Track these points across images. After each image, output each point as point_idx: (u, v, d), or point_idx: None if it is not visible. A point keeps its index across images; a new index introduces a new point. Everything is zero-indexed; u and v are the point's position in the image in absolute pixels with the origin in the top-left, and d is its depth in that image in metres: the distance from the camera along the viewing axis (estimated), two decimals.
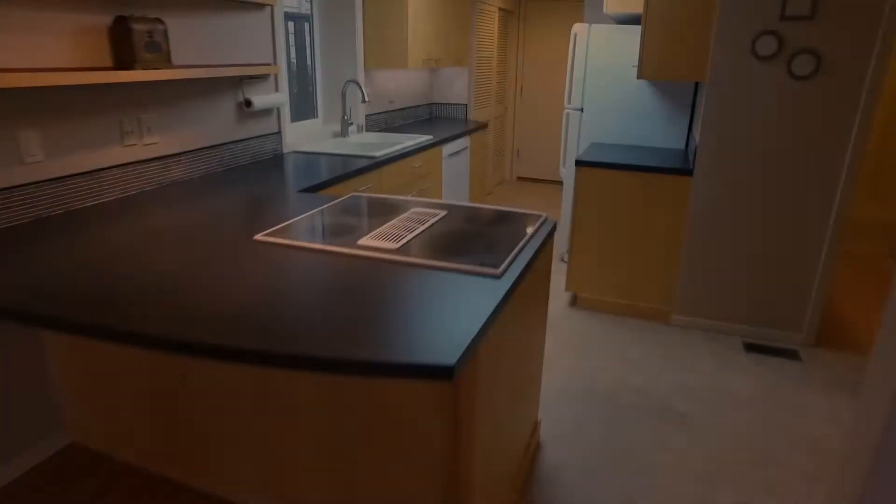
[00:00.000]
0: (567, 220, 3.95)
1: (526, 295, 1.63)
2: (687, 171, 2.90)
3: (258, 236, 1.67)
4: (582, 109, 3.75)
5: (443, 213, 1.92)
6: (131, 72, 2.03)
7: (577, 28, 3.63)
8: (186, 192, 2.29)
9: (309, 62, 3.75)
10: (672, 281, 3.10)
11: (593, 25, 3.58)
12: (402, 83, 4.44)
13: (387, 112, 4.27)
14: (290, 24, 3.68)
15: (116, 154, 2.19)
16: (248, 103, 2.78)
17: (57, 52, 1.90)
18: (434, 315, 1.20)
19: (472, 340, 1.12)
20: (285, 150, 3.16)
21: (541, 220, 1.86)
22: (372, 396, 1.47)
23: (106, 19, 2.04)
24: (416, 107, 4.75)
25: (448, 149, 3.89)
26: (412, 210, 1.94)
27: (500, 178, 6.52)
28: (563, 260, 4.09)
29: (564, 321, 3.18)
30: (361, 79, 3.80)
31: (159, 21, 2.15)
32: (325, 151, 3.14)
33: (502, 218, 1.88)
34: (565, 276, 3.36)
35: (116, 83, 2.14)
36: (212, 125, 2.64)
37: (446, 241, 1.63)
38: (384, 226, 1.75)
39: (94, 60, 2.04)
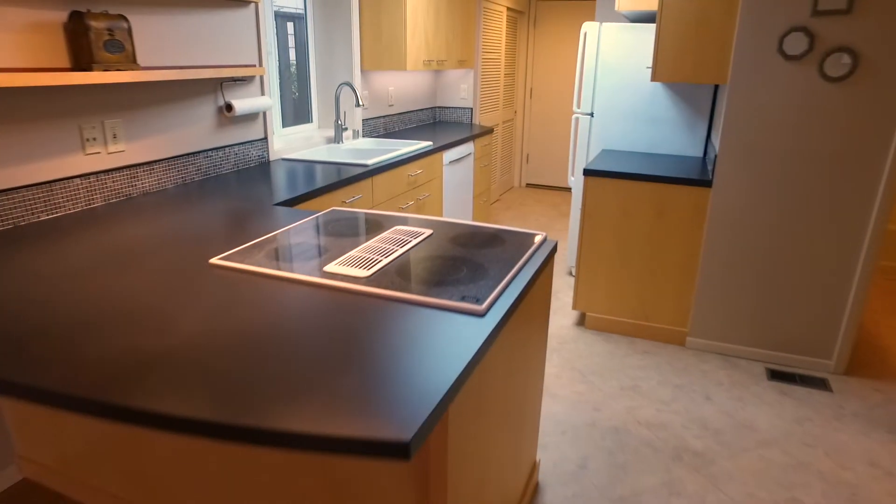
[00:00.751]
0: (576, 232, 3.72)
1: (518, 329, 1.41)
2: (705, 182, 2.65)
3: (214, 259, 1.47)
4: (592, 114, 3.52)
5: (427, 232, 1.70)
6: (89, 73, 1.84)
7: (587, 27, 3.40)
8: (156, 204, 2.10)
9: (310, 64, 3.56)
10: (688, 300, 2.85)
11: (604, 24, 3.35)
12: (402, 86, 4.24)
13: (386, 116, 4.06)
14: (291, 25, 3.50)
15: (77, 163, 2.00)
16: (229, 108, 2.59)
17: (4, 52, 1.72)
18: (399, 366, 0.99)
19: (438, 405, 0.90)
20: (272, 158, 2.96)
21: (539, 241, 1.64)
22: (326, 469, 1.25)
23: (62, 15, 1.86)
24: (418, 111, 4.55)
25: (449, 155, 3.68)
26: (394, 228, 1.73)
27: (508, 184, 6.29)
28: (570, 274, 3.86)
29: (570, 342, 2.95)
30: (358, 81, 3.61)
31: (122, 18, 1.96)
32: (314, 159, 2.94)
33: (494, 239, 1.66)
34: (572, 292, 3.13)
35: (73, 86, 1.95)
36: (188, 131, 2.45)
37: (426, 269, 1.41)
38: (359, 248, 1.54)
39: (50, 61, 1.85)
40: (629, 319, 3.00)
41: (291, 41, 3.50)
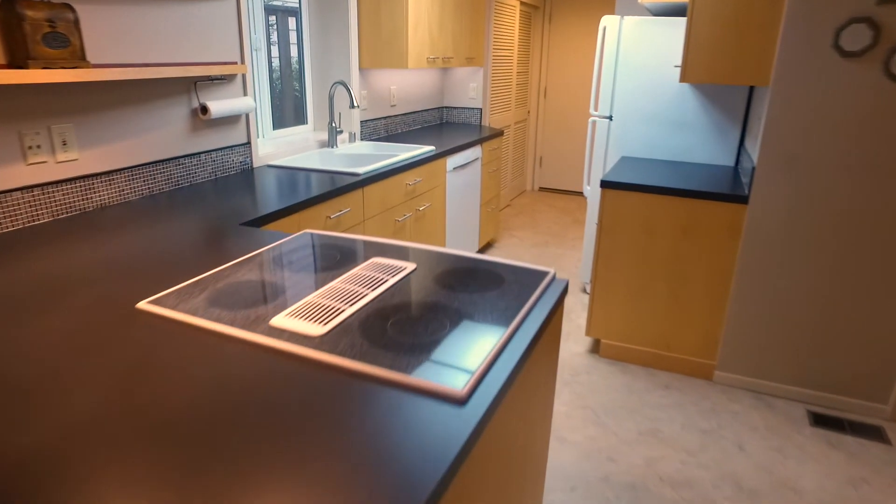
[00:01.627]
0: (591, 246, 3.40)
1: (518, 399, 1.11)
2: (740, 197, 2.33)
3: (142, 304, 1.19)
4: (611, 117, 3.20)
5: (410, 267, 1.41)
6: (23, 71, 1.58)
7: (607, 21, 3.08)
8: (113, 220, 1.83)
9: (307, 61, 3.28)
10: (716, 330, 2.53)
11: (626, 18, 3.03)
12: (406, 85, 3.95)
13: (388, 118, 3.78)
14: (293, 20, 3.23)
15: (17, 174, 1.74)
16: (204, 110, 2.32)
17: None
18: (349, 478, 0.70)
19: None
20: (256, 164, 2.69)
21: (545, 281, 1.34)
22: None
23: None
24: (423, 111, 4.25)
25: (454, 161, 3.38)
26: (371, 262, 1.44)
27: (520, 188, 5.98)
28: (584, 291, 3.54)
29: (583, 374, 2.64)
30: (355, 80, 3.32)
31: (66, 7, 1.69)
32: (302, 166, 2.66)
33: (490, 278, 1.36)
34: (586, 314, 2.82)
35: (9, 86, 1.69)
36: (156, 137, 2.18)
37: (398, 324, 1.12)
38: (321, 290, 1.26)
39: None
40: (649, 348, 2.68)
41: (294, 37, 3.23)
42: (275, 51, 3.11)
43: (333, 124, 3.09)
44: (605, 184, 2.54)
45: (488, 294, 1.26)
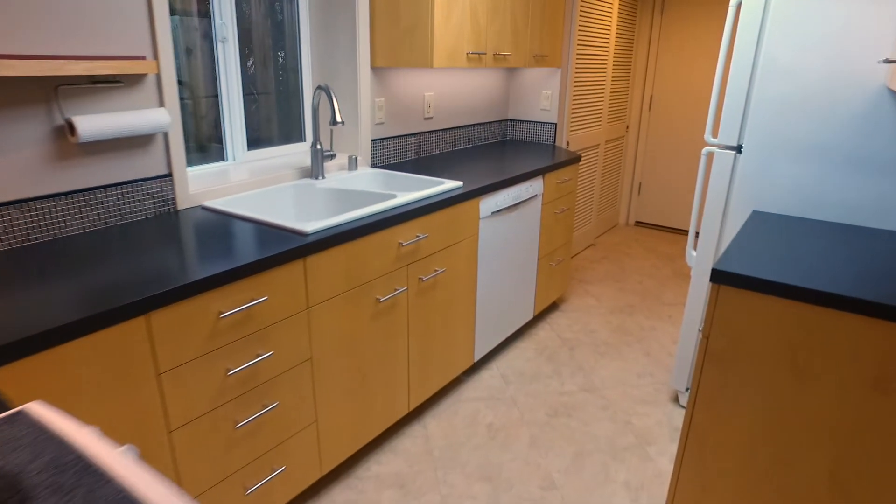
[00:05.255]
0: (690, 344, 2.24)
1: None
2: None
3: None
4: (739, 148, 2.03)
5: None
6: None
7: None
8: None
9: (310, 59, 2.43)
10: None
11: None
12: (449, 90, 2.98)
13: (419, 135, 2.83)
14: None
15: None
16: (72, 129, 1.51)
17: None
18: None
19: None
20: (183, 206, 1.86)
21: None
22: None
23: None
24: (475, 126, 3.26)
25: (492, 202, 2.36)
26: None
27: (611, 221, 4.78)
28: (675, 401, 2.38)
29: None
30: (365, 84, 2.41)
31: None
32: (241, 213, 1.79)
33: None
34: (672, 471, 1.69)
35: None
36: None
37: None
38: None
39: None
40: None
41: (304, 29, 2.39)
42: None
43: (318, 146, 2.20)
44: (719, 276, 1.42)
45: None
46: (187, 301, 1.28)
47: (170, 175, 1.81)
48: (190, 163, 2.16)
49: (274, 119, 2.43)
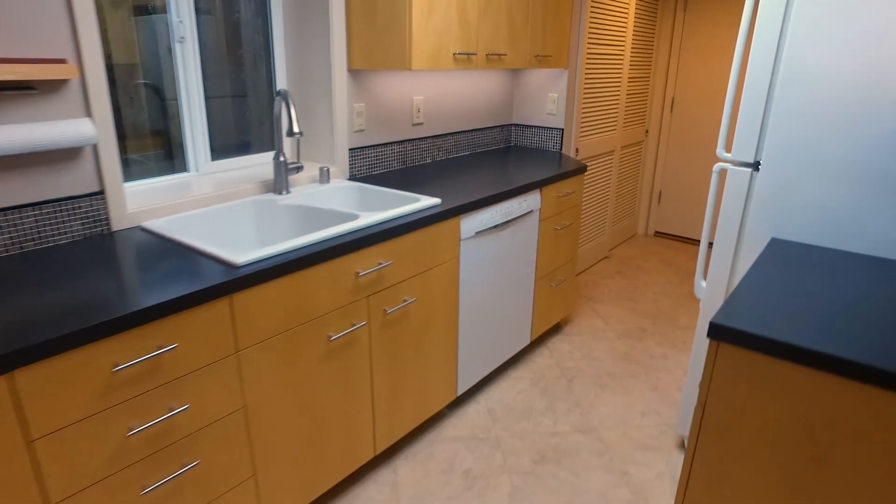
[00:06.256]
0: (695, 397, 1.95)
1: None
2: None
3: None
4: (757, 164, 1.74)
5: None
6: None
7: None
8: None
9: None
10: None
11: None
12: (443, 94, 2.74)
13: (407, 142, 2.60)
14: None
15: None
16: None
17: None
18: None
19: None
20: (120, 226, 1.66)
21: None
22: None
23: None
24: (475, 132, 3.01)
25: (475, 220, 2.12)
26: None
27: (629, 231, 4.47)
28: (682, 446, 2.09)
29: None
30: (340, 87, 2.19)
31: None
32: (178, 239, 1.59)
33: None
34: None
35: None
36: None
37: None
38: None
39: None
40: None
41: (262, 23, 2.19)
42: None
43: (282, 157, 1.98)
44: (719, 332, 1.15)
45: None
46: (67, 355, 1.08)
47: (102, 192, 1.62)
48: (156, 173, 1.99)
49: (247, 125, 2.23)
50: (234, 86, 2.15)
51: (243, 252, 1.44)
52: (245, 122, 2.23)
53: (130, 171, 1.94)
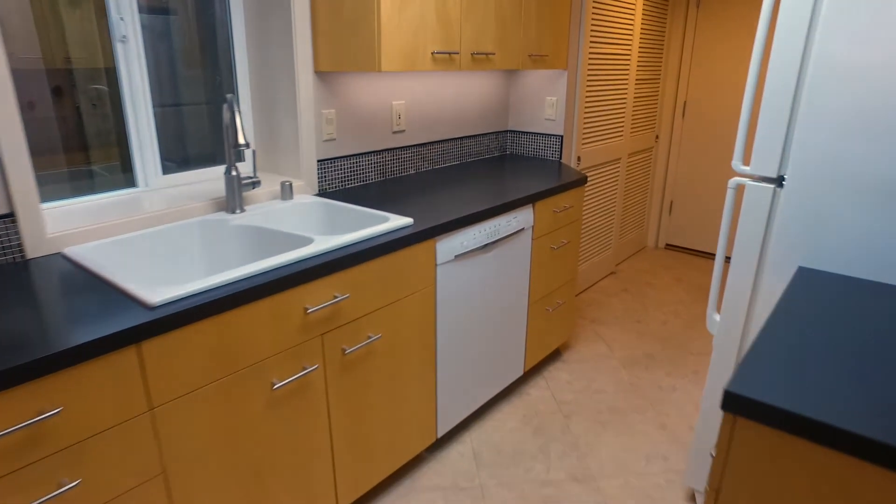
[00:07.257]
0: (707, 443, 1.69)
1: None
2: None
3: None
4: (781, 180, 1.48)
5: None
6: None
7: None
8: None
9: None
10: None
11: None
12: (424, 97, 2.50)
13: (386, 151, 2.36)
14: None
15: None
16: None
17: None
18: None
19: None
20: (35, 253, 1.44)
21: None
22: None
23: None
24: (464, 139, 2.77)
25: (455, 242, 1.87)
26: None
27: (638, 244, 4.20)
28: (692, 501, 1.83)
29: None
30: (305, 90, 1.96)
31: None
32: (95, 270, 1.36)
33: None
34: None
35: None
36: None
37: None
38: None
39: None
40: None
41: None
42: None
43: (234, 172, 1.75)
44: (736, 403, 0.89)
45: None
46: None
47: (12, 214, 1.40)
48: (113, 188, 1.78)
49: (209, 135, 2.01)
50: (194, 92, 1.93)
51: (166, 287, 1.21)
52: (207, 132, 2.00)
53: (94, 183, 1.74)
